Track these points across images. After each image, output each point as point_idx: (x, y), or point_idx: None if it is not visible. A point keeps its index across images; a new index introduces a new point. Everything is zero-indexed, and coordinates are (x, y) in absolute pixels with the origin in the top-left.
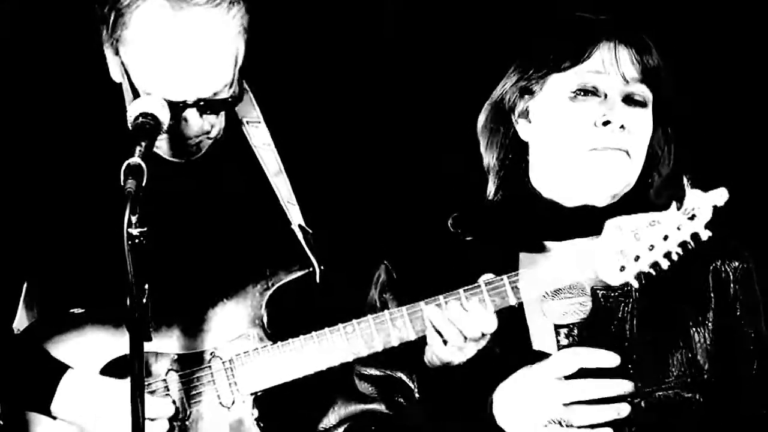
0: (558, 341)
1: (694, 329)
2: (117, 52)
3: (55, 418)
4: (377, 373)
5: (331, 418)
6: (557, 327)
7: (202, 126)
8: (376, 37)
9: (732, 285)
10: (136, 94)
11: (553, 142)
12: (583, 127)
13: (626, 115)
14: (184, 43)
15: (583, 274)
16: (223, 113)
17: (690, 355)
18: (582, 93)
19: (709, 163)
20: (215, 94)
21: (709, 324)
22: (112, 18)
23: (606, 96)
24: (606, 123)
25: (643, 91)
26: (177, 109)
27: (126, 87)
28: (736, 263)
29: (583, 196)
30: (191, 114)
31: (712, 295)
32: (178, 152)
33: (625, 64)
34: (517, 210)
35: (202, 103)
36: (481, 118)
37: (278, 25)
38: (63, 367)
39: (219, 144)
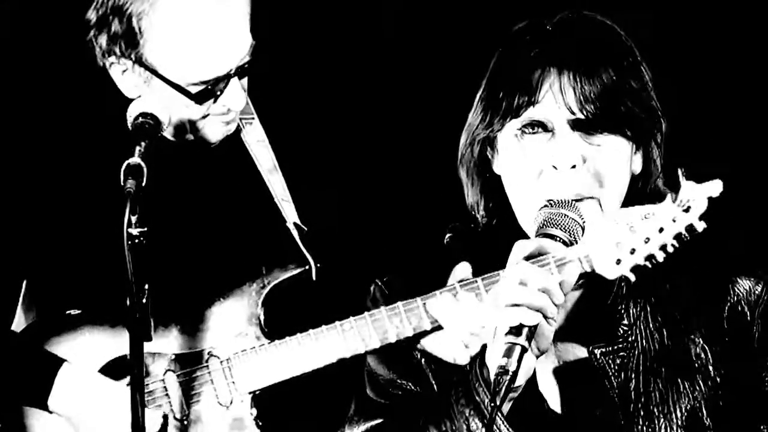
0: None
1: (704, 377)
2: (138, 61)
3: (52, 413)
4: (398, 392)
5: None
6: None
7: (244, 93)
8: (373, 32)
9: (750, 315)
10: (178, 88)
11: (511, 185)
12: (530, 175)
13: (578, 150)
14: (211, 17)
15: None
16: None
17: (696, 408)
18: (527, 127)
19: (705, 156)
20: (243, 57)
21: (719, 368)
22: (137, 26)
23: (553, 132)
24: (555, 168)
25: (598, 118)
26: (220, 85)
27: (157, 87)
28: (759, 288)
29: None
30: (235, 84)
31: (726, 327)
32: (216, 132)
33: (567, 92)
34: (506, 241)
35: (241, 69)
36: (459, 158)
37: (273, 21)
38: (59, 361)
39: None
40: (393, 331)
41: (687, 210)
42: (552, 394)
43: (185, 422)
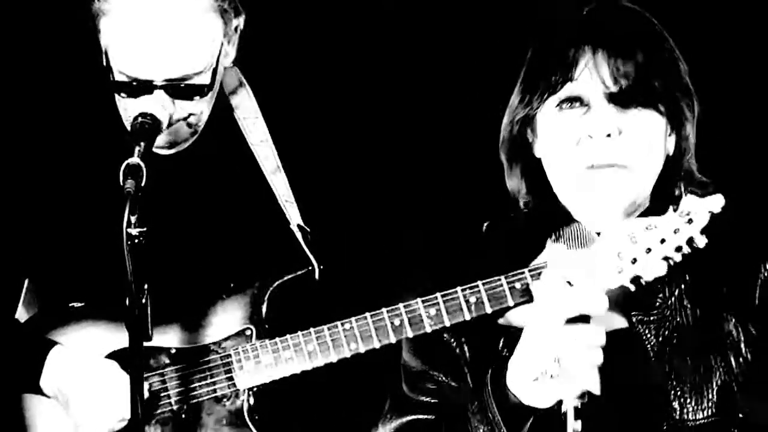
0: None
1: (735, 353)
2: (99, 30)
3: (48, 396)
4: (432, 386)
5: None
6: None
7: (172, 112)
8: (379, 28)
9: None
10: (109, 74)
11: (550, 161)
12: (568, 144)
13: (614, 121)
14: (153, 19)
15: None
16: (204, 104)
17: (730, 384)
18: (565, 102)
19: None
20: (184, 77)
21: (751, 347)
22: None
23: (589, 106)
24: (591, 136)
25: (632, 91)
26: (144, 89)
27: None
28: None
29: (599, 221)
30: (159, 96)
31: (757, 306)
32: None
33: (601, 67)
34: (546, 226)
35: (167, 84)
36: (499, 144)
37: (277, 16)
38: (51, 344)
39: (215, 141)
40: (392, 333)
41: (689, 222)
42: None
43: (182, 415)
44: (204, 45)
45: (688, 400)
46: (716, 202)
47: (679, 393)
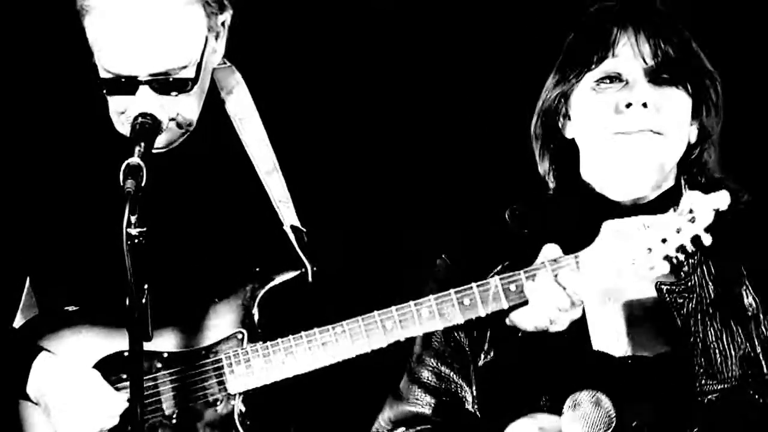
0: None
1: (756, 324)
2: (85, 28)
3: (36, 403)
4: (434, 382)
5: (381, 422)
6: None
7: (158, 108)
8: (375, 27)
9: None
10: (95, 73)
11: (585, 134)
12: (606, 112)
13: (650, 94)
14: (134, 13)
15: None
16: (194, 102)
17: (752, 353)
18: (604, 80)
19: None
20: (168, 72)
21: None
22: None
23: (628, 81)
24: (628, 105)
25: (668, 69)
26: (129, 85)
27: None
28: None
29: (626, 187)
30: (145, 92)
31: None
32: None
33: (643, 45)
34: (569, 206)
35: (152, 79)
36: (532, 128)
37: (275, 15)
38: (38, 350)
39: (207, 140)
40: (383, 336)
41: (692, 221)
42: (614, 333)
43: (174, 420)
44: (187, 38)
45: (713, 368)
46: (722, 200)
47: (703, 361)
